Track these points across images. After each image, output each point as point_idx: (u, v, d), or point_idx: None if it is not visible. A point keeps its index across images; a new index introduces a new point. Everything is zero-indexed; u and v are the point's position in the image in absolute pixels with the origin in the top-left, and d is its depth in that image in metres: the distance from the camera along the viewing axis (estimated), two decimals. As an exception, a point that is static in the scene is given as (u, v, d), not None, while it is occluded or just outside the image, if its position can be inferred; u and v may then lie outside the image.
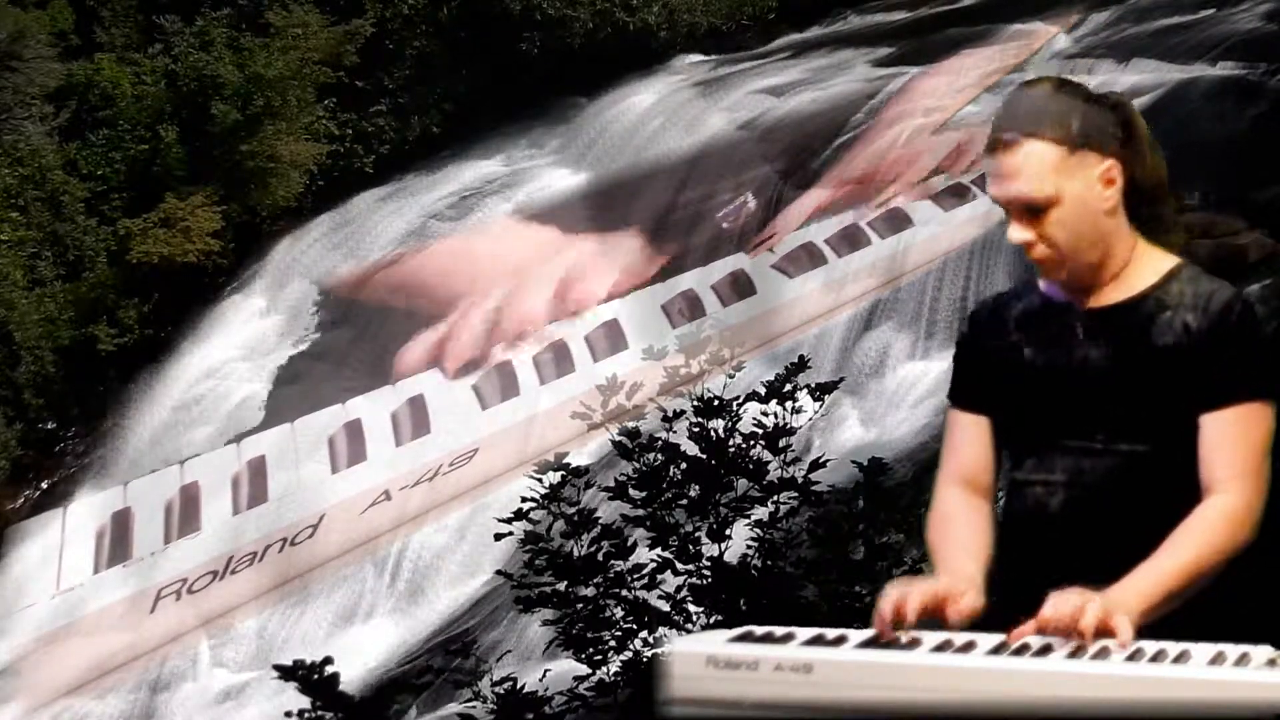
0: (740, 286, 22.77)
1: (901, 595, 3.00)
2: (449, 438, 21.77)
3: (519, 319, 23.06)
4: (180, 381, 25.05)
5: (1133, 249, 3.33)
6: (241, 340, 25.77)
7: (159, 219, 25.62)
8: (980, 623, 3.04)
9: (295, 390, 24.16)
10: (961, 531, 3.35)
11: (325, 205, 27.89)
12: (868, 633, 2.95)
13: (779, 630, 2.94)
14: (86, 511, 22.51)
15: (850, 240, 22.60)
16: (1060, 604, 2.87)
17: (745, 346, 16.18)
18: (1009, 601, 3.11)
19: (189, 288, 25.80)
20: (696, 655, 2.84)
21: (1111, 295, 3.32)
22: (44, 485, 24.23)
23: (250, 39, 26.83)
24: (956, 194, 22.32)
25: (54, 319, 24.59)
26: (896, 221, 22.50)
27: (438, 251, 25.46)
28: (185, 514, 21.78)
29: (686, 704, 2.83)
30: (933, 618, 3.01)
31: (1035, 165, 3.22)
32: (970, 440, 3.47)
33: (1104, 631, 2.83)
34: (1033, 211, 3.24)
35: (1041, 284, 3.42)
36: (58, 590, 21.24)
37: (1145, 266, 3.32)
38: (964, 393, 3.51)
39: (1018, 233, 3.27)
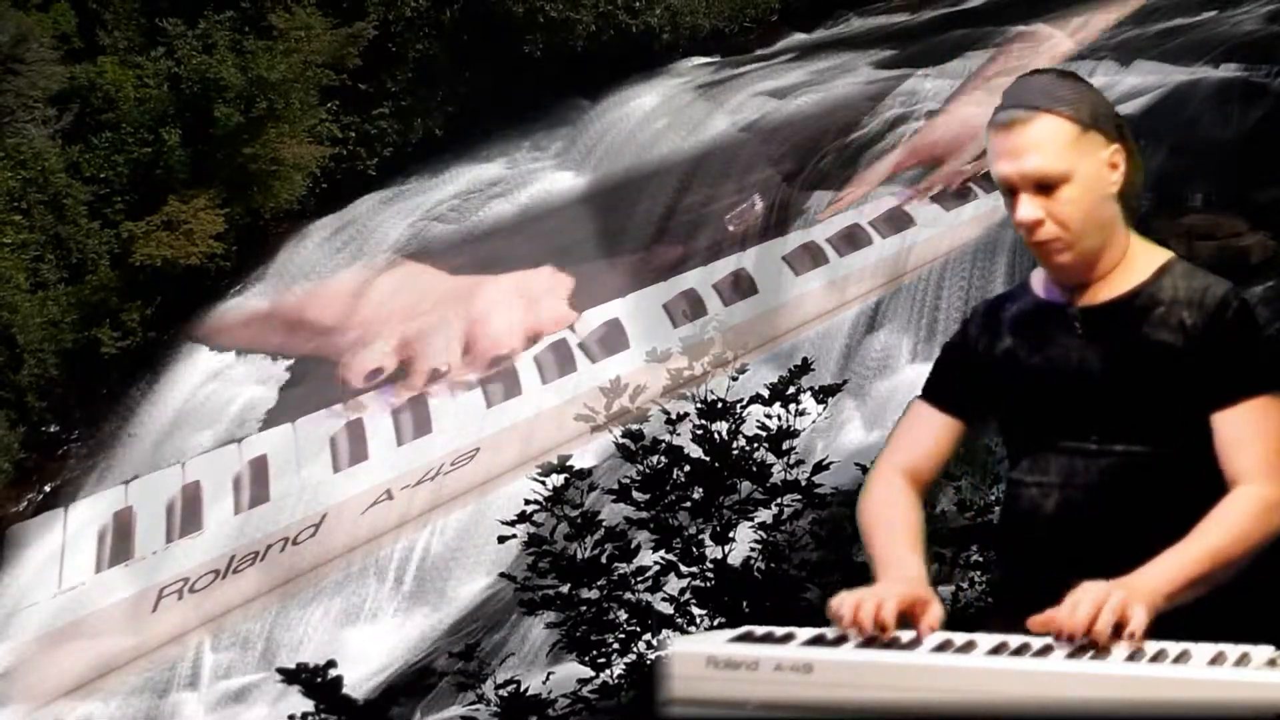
0: (742, 285, 22.78)
1: (878, 601, 2.98)
2: (451, 437, 21.79)
3: (430, 360, 23.09)
4: (183, 384, 25.07)
5: (1127, 246, 3.32)
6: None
7: (161, 221, 25.61)
8: (978, 623, 3.04)
9: (298, 392, 24.19)
10: (902, 525, 3.33)
11: (328, 207, 27.91)
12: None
13: (779, 630, 2.94)
14: (88, 511, 22.51)
15: (851, 240, 22.60)
16: (1076, 607, 2.85)
17: (748, 347, 16.21)
18: (1006, 602, 3.11)
19: (192, 290, 25.80)
20: (697, 655, 2.84)
21: (1104, 292, 3.30)
22: (47, 488, 24.23)
23: (253, 41, 26.82)
24: (958, 194, 22.33)
25: (57, 322, 24.58)
26: (898, 221, 22.51)
27: (322, 292, 25.49)
28: (187, 513, 21.79)
29: (686, 704, 2.83)
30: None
31: (1051, 139, 3.22)
32: (932, 437, 3.47)
33: (1121, 624, 2.82)
34: (1043, 188, 3.22)
35: (1035, 283, 3.42)
36: (60, 589, 21.25)
37: (1138, 263, 3.31)
38: (941, 392, 3.51)
39: (1028, 209, 3.23)
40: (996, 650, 2.84)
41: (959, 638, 2.92)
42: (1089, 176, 3.23)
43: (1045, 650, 2.82)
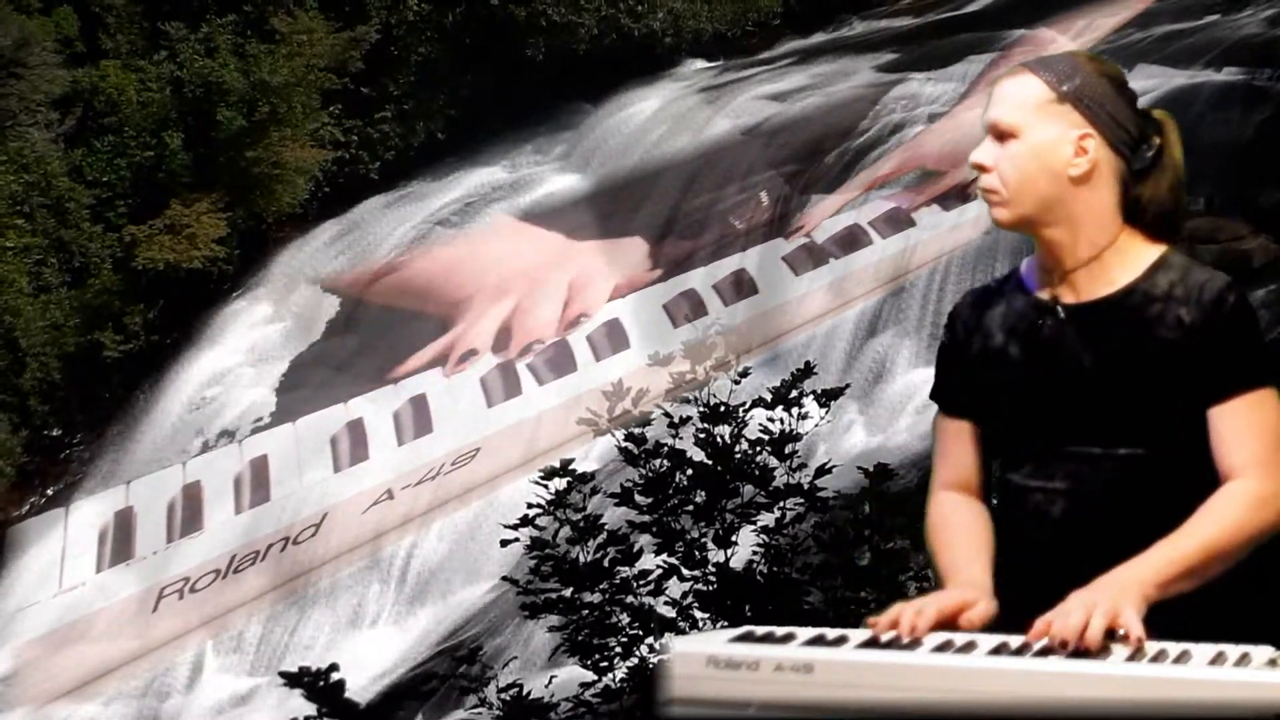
0: (743, 286, 22.78)
1: (917, 610, 3.00)
2: (451, 437, 21.79)
3: (530, 328, 23.08)
4: (186, 388, 25.08)
5: (1116, 238, 3.28)
6: (247, 346, 25.80)
7: (164, 225, 25.62)
8: (984, 628, 3.03)
9: (301, 395, 24.20)
10: (963, 537, 3.34)
11: (330, 211, 27.92)
12: (869, 632, 2.95)
13: (780, 630, 2.94)
14: (89, 511, 22.52)
15: (851, 240, 22.60)
16: (1067, 616, 2.86)
17: (749, 348, 16.20)
18: (1010, 608, 3.10)
19: (194, 294, 25.81)
20: (697, 655, 2.84)
21: (1095, 289, 3.27)
22: (49, 492, 24.23)
23: (255, 45, 26.83)
24: (960, 197, 22.30)
25: (59, 325, 24.59)
26: (898, 222, 22.50)
27: (442, 256, 25.51)
28: (188, 513, 21.80)
29: (687, 704, 2.83)
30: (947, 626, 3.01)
31: (1016, 94, 3.25)
32: (958, 446, 3.46)
33: (1114, 628, 2.82)
34: (1000, 138, 3.25)
35: (1024, 275, 3.38)
36: (60, 589, 21.25)
37: (1131, 257, 3.28)
38: (949, 398, 3.49)
39: (981, 152, 3.27)
40: (997, 650, 2.84)
41: (959, 638, 2.92)
42: (1041, 142, 3.22)
43: (1046, 650, 2.82)
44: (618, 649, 8.12)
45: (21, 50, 25.38)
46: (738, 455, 8.32)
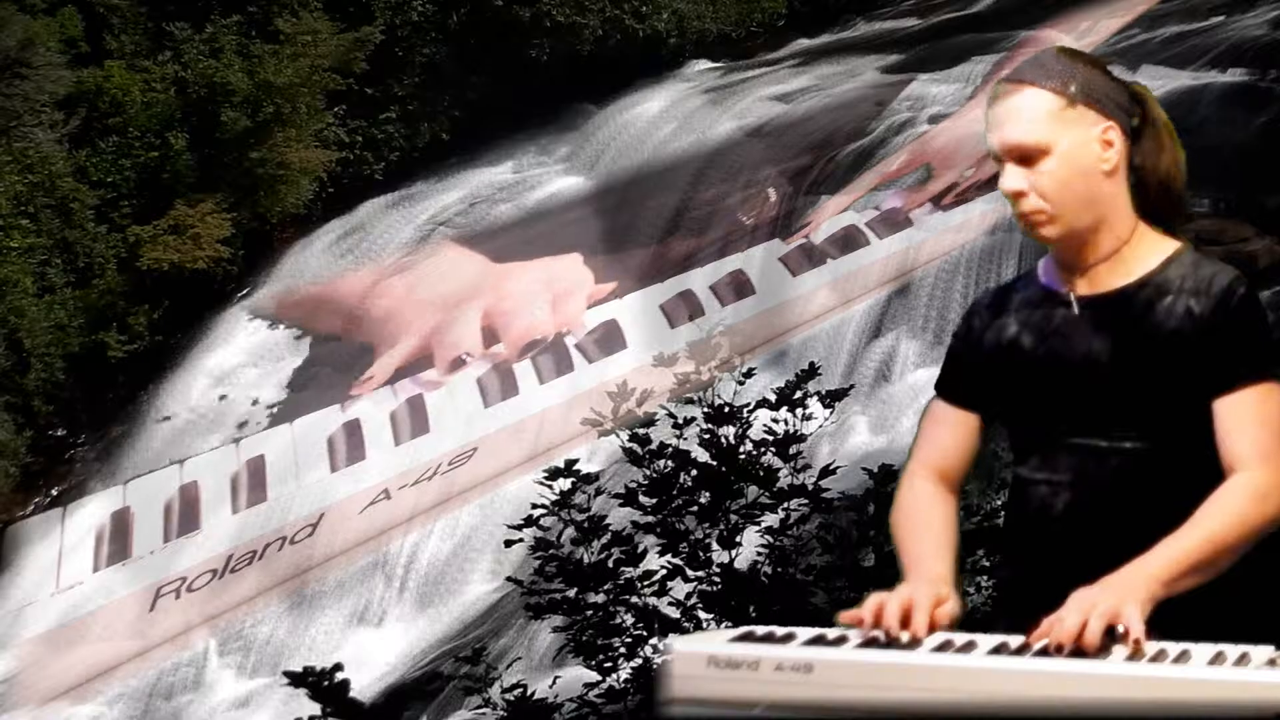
0: (741, 287, 22.78)
1: (881, 601, 3.00)
2: (448, 437, 21.82)
3: (523, 331, 23.10)
4: (190, 388, 25.09)
5: (1133, 231, 3.29)
6: (251, 347, 25.81)
7: (168, 226, 25.63)
8: (985, 624, 3.03)
9: (302, 396, 24.23)
10: (931, 528, 3.35)
11: (335, 212, 27.93)
12: (869, 633, 2.96)
13: (780, 630, 2.95)
14: (86, 511, 22.58)
15: (848, 241, 22.58)
16: (1064, 618, 2.86)
17: (751, 348, 16.21)
18: (1014, 602, 3.10)
19: (199, 294, 25.83)
20: (697, 655, 2.84)
21: (1111, 281, 3.28)
22: (54, 492, 24.23)
23: (260, 46, 26.85)
24: (959, 199, 22.29)
25: (64, 326, 24.59)
26: (895, 223, 22.49)
27: (379, 288, 25.46)
28: (185, 513, 21.85)
29: (687, 704, 2.84)
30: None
31: (1031, 110, 3.23)
32: (951, 434, 3.46)
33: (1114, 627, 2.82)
34: (1025, 160, 3.22)
35: (1040, 272, 3.39)
36: (57, 589, 21.29)
37: (1146, 251, 3.28)
38: (954, 387, 3.50)
39: (1010, 179, 3.24)
40: (997, 650, 2.85)
41: (959, 638, 2.92)
42: (1072, 150, 3.22)
43: (1045, 650, 2.82)
44: (622, 649, 8.11)
45: (26, 51, 25.38)
46: (742, 456, 8.31)
